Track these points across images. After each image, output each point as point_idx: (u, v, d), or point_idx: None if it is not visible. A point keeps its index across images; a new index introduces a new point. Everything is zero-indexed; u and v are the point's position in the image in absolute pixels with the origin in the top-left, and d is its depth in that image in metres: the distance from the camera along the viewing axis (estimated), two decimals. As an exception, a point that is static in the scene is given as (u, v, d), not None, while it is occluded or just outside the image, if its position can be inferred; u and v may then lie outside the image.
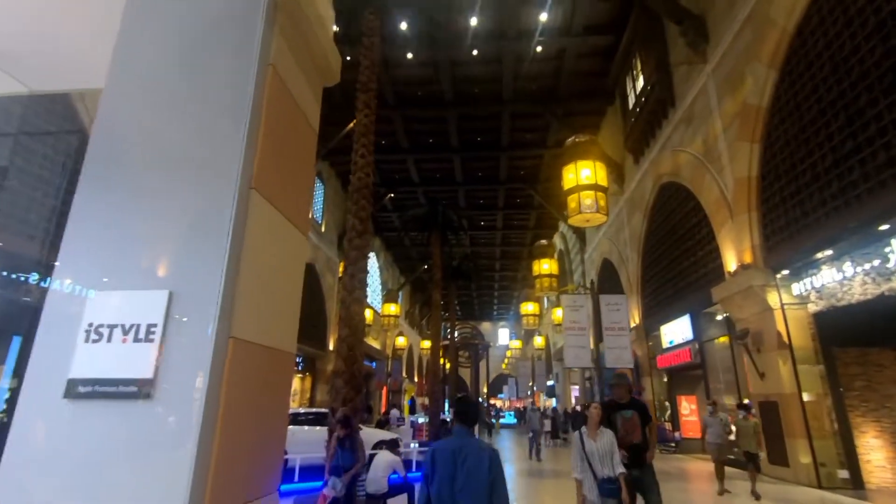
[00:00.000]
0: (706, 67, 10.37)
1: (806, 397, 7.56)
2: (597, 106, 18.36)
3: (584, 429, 3.87)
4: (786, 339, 7.90)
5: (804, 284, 7.78)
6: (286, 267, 2.62)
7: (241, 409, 2.05)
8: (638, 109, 14.19)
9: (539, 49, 15.38)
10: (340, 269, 18.82)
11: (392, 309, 24.84)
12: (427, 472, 2.49)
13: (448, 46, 15.36)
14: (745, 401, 9.94)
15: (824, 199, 6.92)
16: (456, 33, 14.90)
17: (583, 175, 9.36)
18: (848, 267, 6.73)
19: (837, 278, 6.98)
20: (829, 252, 7.06)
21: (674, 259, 12.47)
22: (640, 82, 14.17)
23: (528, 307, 24.55)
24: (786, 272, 8.08)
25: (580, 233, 23.40)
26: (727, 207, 9.42)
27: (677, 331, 12.15)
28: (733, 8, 9.19)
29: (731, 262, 9.27)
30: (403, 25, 14.60)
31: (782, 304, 8.00)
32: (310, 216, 20.37)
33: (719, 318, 10.88)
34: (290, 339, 2.65)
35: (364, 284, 4.87)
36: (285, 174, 2.64)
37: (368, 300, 28.66)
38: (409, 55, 15.59)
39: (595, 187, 9.26)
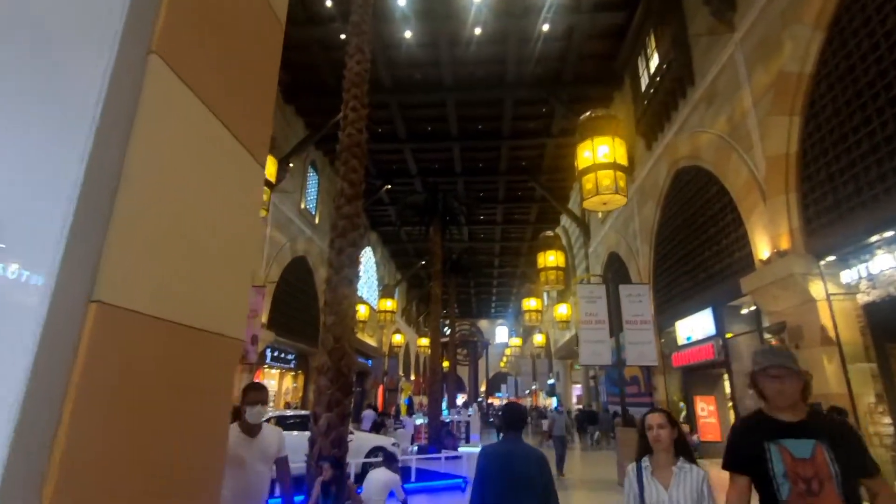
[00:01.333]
0: (734, 37, 9.48)
1: (865, 398, 6.70)
2: (604, 91, 17.44)
3: (645, 460, 2.27)
4: (832, 333, 7.03)
5: (855, 272, 6.91)
6: (226, 202, 1.69)
7: (115, 431, 1.14)
8: (652, 90, 13.31)
9: (546, 28, 14.48)
10: (334, 261, 17.84)
11: (388, 304, 23.93)
12: (480, 475, 2.54)
13: (448, 24, 14.43)
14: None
15: (884, 172, 6.05)
16: (457, 8, 13.97)
17: (600, 153, 8.47)
18: (918, 249, 5.86)
19: (901, 263, 6.11)
20: (889, 233, 6.18)
21: (692, 250, 11.59)
22: (655, 61, 13.27)
23: (530, 303, 23.68)
24: (831, 258, 7.20)
25: (584, 227, 22.53)
26: (758, 189, 8.55)
27: (696, 326, 11.28)
28: (768, -32, 8.29)
29: (762, 250, 8.40)
30: (402, 1, 13.67)
31: (828, 295, 7.13)
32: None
33: (745, 311, 10.02)
34: (233, 319, 1.73)
35: (355, 262, 3.97)
36: (225, 61, 1.71)
37: (364, 296, 27.75)
38: (408, 34, 14.65)
39: (614, 166, 8.39)
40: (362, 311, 23.42)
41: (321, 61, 15.77)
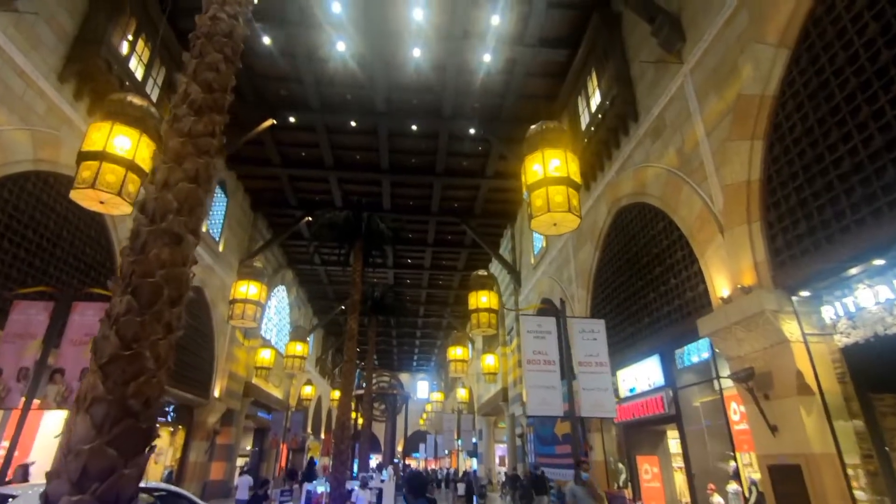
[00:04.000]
0: (682, 68, 9.12)
1: (850, 459, 5.67)
2: (541, 134, 17.14)
3: None
4: (812, 380, 6.08)
5: (832, 309, 6.11)
6: None
7: None
8: (592, 129, 12.89)
9: (487, 58, 13.90)
10: (232, 291, 15.34)
11: (298, 349, 21.17)
12: None
13: (385, 40, 13.41)
14: (732, 463, 8.02)
15: (871, 193, 5.35)
16: (396, 22, 13.02)
17: (552, 166, 7.39)
18: (922, 277, 5.08)
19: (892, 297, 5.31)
20: (880, 262, 5.42)
21: (635, 292, 10.75)
22: (596, 100, 12.97)
23: (457, 352, 22.00)
24: (805, 294, 6.39)
25: (515, 273, 21.71)
26: (715, 222, 7.83)
27: (642, 376, 10.23)
28: (721, -6, 8.02)
29: (721, 288, 7.55)
30: (336, 7, 12.50)
31: (804, 335, 6.24)
32: (203, 228, 16.90)
33: (696, 359, 9.09)
34: None
35: (195, 209, 2.25)
36: None
37: (273, 341, 24.66)
38: (340, 45, 13.42)
39: (567, 181, 7.31)
40: (266, 356, 20.48)
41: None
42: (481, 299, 14.77)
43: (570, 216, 7.18)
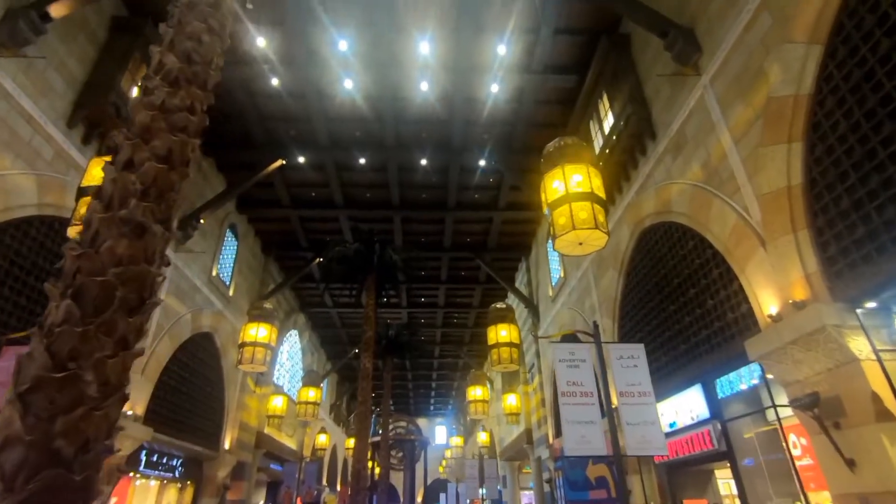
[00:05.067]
0: (701, 79, 8.78)
1: (956, 497, 4.83)
2: (553, 162, 16.84)
3: None
4: (892, 404, 5.32)
5: (906, 320, 5.41)
6: None
7: None
8: (607, 151, 12.53)
9: (495, 88, 13.80)
10: (241, 335, 14.82)
11: (311, 395, 20.35)
12: None
13: (391, 72, 13.38)
14: (799, 505, 7.06)
15: (941, 185, 4.78)
16: (402, 56, 13.03)
17: (573, 181, 6.94)
18: None
19: None
20: (962, 261, 4.78)
21: (667, 317, 10.04)
22: (609, 122, 12.68)
23: (476, 392, 20.99)
24: (871, 305, 5.71)
25: (532, 307, 20.97)
26: (754, 234, 7.24)
27: (683, 408, 9.36)
28: (738, 1, 7.75)
29: (769, 305, 6.87)
30: (343, 45, 12.56)
31: (877, 352, 5.52)
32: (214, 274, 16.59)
33: (744, 386, 8.27)
34: None
35: (169, 190, 1.77)
36: None
37: (286, 389, 23.90)
38: (348, 83, 13.42)
39: (591, 197, 6.83)
40: (278, 404, 19.68)
41: (246, 109, 14.08)
42: (501, 333, 14.04)
43: (597, 233, 6.66)
